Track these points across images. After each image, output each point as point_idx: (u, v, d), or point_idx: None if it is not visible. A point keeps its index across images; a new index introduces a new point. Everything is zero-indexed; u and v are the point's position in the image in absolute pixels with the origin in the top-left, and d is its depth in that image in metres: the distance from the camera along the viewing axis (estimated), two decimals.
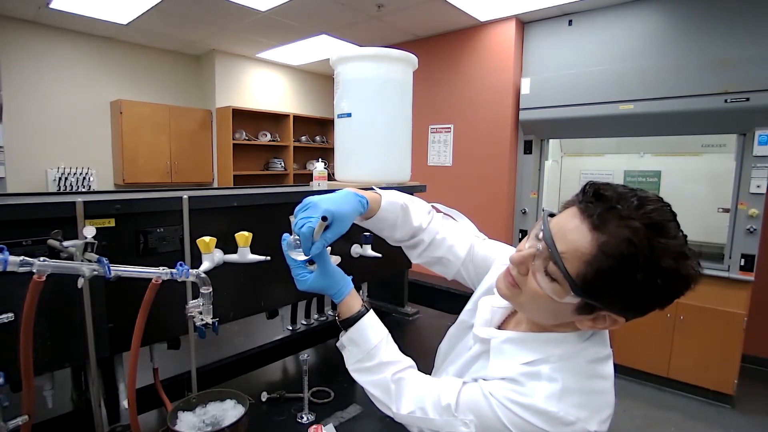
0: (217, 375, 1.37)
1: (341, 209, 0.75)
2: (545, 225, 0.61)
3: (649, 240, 0.53)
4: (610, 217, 0.55)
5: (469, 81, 3.90)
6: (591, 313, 0.61)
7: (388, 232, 0.92)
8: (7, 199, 0.98)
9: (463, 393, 0.68)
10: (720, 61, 2.71)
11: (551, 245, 0.59)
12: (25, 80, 3.99)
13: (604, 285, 0.56)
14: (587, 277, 0.56)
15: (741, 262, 2.74)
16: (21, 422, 0.79)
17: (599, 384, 0.64)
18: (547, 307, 0.63)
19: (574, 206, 0.61)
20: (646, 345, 3.02)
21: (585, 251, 0.56)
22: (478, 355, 0.77)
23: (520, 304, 0.68)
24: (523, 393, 0.62)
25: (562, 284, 0.59)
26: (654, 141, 3.35)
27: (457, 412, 0.66)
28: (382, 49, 1.63)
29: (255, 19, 3.82)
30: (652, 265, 0.53)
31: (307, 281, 0.77)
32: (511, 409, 0.62)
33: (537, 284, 0.62)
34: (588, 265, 0.56)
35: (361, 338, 0.78)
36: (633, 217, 0.54)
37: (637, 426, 2.66)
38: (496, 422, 0.63)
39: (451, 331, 0.93)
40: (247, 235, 0.94)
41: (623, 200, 0.56)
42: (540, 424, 0.59)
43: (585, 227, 0.57)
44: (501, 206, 3.77)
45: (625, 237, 0.54)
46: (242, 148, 5.12)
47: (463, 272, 0.95)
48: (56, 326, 0.87)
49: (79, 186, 4.30)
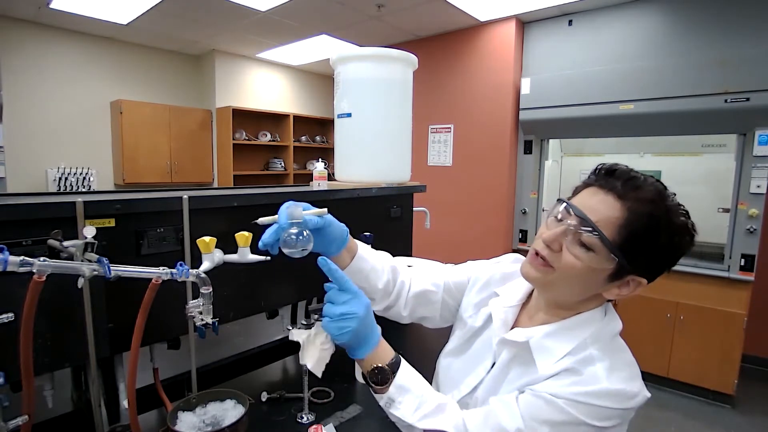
0: (217, 375, 1.37)
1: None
2: (571, 203, 0.68)
3: (663, 201, 0.64)
4: (630, 186, 0.65)
5: (469, 81, 3.90)
6: (620, 279, 0.67)
7: (374, 280, 0.88)
8: (7, 199, 0.98)
9: (524, 409, 0.65)
10: (720, 61, 2.71)
11: (585, 217, 0.65)
12: (26, 80, 4.00)
13: (634, 246, 0.63)
14: (620, 240, 0.63)
15: (741, 262, 2.74)
16: (21, 422, 0.79)
17: (628, 355, 0.69)
18: (579, 280, 0.67)
19: (592, 186, 0.69)
20: (646, 345, 3.02)
21: (617, 217, 0.64)
22: (509, 362, 0.75)
23: (550, 283, 0.70)
24: (585, 381, 0.63)
25: (599, 252, 0.64)
26: (654, 141, 3.34)
27: (529, 431, 0.63)
28: (382, 49, 1.63)
29: (255, 19, 3.82)
30: (670, 223, 0.63)
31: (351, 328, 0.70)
32: (582, 402, 0.62)
33: (574, 257, 0.66)
34: (621, 228, 0.63)
35: (412, 382, 0.71)
36: (647, 185, 0.65)
37: (637, 426, 2.66)
38: (571, 420, 0.62)
39: (455, 345, 0.90)
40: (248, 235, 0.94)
41: (633, 174, 0.67)
42: (613, 404, 0.62)
43: (611, 198, 0.65)
44: (501, 206, 3.77)
45: (648, 199, 0.63)
46: (242, 148, 5.12)
47: (447, 298, 0.94)
48: (56, 326, 0.87)
49: (79, 186, 4.30)
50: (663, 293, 3.01)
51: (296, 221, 0.74)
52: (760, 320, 3.09)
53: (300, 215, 0.74)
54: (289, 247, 0.73)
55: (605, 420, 0.62)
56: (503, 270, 0.90)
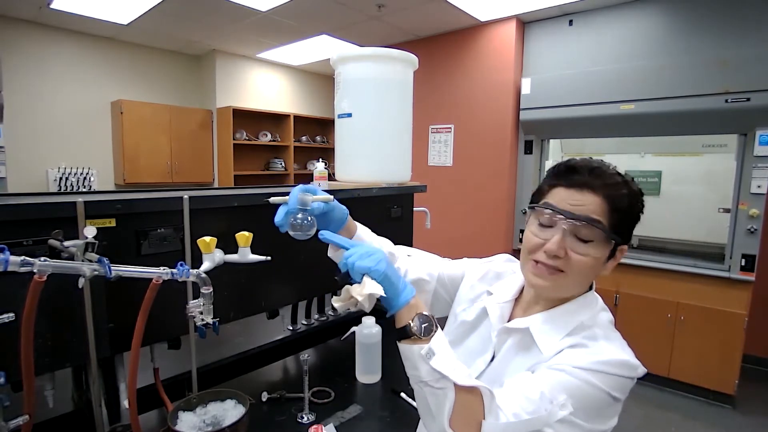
0: (218, 375, 1.37)
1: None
2: (559, 209, 0.71)
3: (623, 178, 0.72)
4: (596, 175, 0.70)
5: (469, 81, 3.90)
6: (613, 254, 0.73)
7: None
8: (8, 199, 0.98)
9: (542, 380, 0.65)
10: (720, 61, 2.71)
11: (585, 217, 0.68)
12: (26, 80, 4.00)
13: (623, 223, 0.70)
14: (614, 221, 0.69)
15: (742, 262, 2.74)
16: (22, 422, 0.79)
17: (622, 340, 0.72)
18: (590, 272, 0.72)
19: (559, 186, 0.73)
20: (646, 345, 3.01)
21: (602, 205, 0.69)
22: (511, 351, 0.77)
23: (563, 286, 0.73)
24: (596, 353, 0.67)
25: (599, 241, 0.69)
26: (655, 141, 3.34)
27: (552, 397, 0.63)
28: (383, 49, 1.63)
29: (255, 19, 3.82)
30: (634, 193, 0.71)
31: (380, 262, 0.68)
32: (597, 370, 0.64)
33: (581, 255, 0.70)
34: (610, 213, 0.69)
35: (445, 339, 0.68)
36: (606, 169, 0.72)
37: (637, 426, 2.66)
38: (589, 389, 0.64)
39: (449, 339, 0.89)
40: (248, 235, 0.94)
41: (592, 164, 0.72)
42: (624, 372, 0.66)
43: (587, 192, 0.70)
44: (501, 206, 3.77)
45: (616, 182, 0.70)
46: (243, 148, 5.12)
47: (440, 289, 0.97)
48: (57, 326, 0.87)
49: (80, 186, 4.31)
50: (663, 293, 3.01)
51: (304, 207, 0.79)
52: (760, 320, 3.09)
53: (308, 202, 0.79)
54: (295, 230, 0.79)
55: (617, 390, 0.65)
56: (496, 269, 0.93)
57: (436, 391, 0.63)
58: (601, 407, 0.65)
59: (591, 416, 0.64)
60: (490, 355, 0.80)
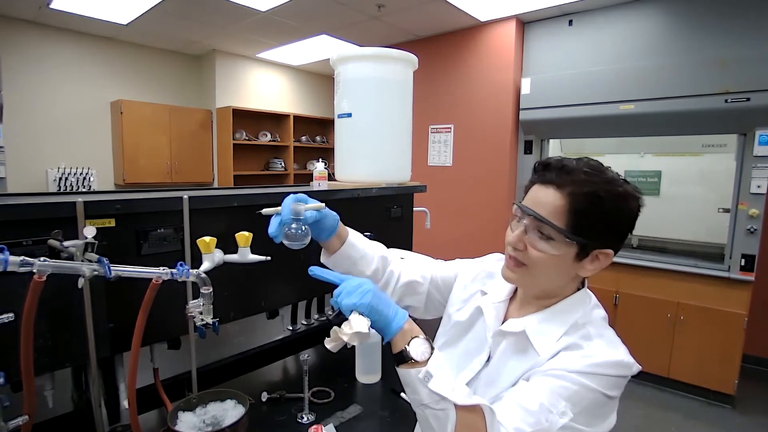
0: (218, 375, 1.37)
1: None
2: (521, 204, 0.74)
3: (598, 176, 0.69)
4: (563, 173, 0.70)
5: (469, 81, 3.90)
6: (587, 255, 0.71)
7: (362, 267, 0.94)
8: (8, 199, 0.98)
9: (539, 388, 0.65)
10: (720, 61, 2.71)
11: (534, 213, 0.70)
12: (26, 80, 4.00)
13: (585, 224, 0.68)
14: (571, 222, 0.68)
15: (741, 262, 2.74)
16: (21, 422, 0.79)
17: (616, 336, 0.72)
18: (552, 268, 0.72)
19: (536, 183, 0.74)
20: (646, 345, 3.01)
21: (561, 204, 0.69)
22: (507, 353, 0.76)
23: (529, 278, 0.75)
24: (591, 354, 0.67)
25: (558, 239, 0.69)
26: (654, 141, 3.34)
27: (551, 407, 0.63)
28: (383, 49, 1.63)
29: (255, 19, 3.82)
30: (610, 193, 0.68)
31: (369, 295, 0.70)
32: (593, 372, 0.65)
33: (538, 251, 0.71)
34: (568, 213, 0.68)
35: (443, 359, 0.68)
36: (579, 167, 0.70)
37: (637, 426, 2.66)
38: (587, 393, 0.64)
39: (444, 341, 0.90)
40: (248, 235, 0.94)
41: (565, 162, 0.71)
42: (619, 372, 0.66)
43: (551, 189, 0.70)
44: (501, 206, 3.76)
45: (582, 180, 0.69)
46: (242, 148, 5.12)
47: (433, 290, 0.99)
48: (57, 326, 0.87)
49: (80, 186, 4.30)
50: (663, 293, 3.01)
51: (297, 217, 0.80)
52: (760, 320, 3.09)
53: (301, 212, 0.80)
54: (290, 240, 0.81)
55: (614, 389, 0.66)
56: (488, 268, 0.93)
57: (437, 413, 0.63)
58: (599, 408, 0.66)
59: (590, 419, 0.65)
60: (485, 355, 0.80)
